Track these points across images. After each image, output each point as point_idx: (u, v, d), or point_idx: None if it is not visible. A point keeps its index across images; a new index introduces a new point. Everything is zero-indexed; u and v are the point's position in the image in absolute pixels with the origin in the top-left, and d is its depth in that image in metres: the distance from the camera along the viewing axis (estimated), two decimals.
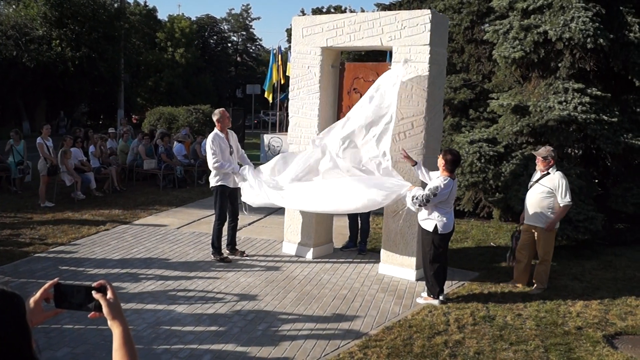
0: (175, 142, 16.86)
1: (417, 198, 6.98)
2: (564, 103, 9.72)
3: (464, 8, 15.54)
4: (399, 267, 8.16)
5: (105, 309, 1.98)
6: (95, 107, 41.00)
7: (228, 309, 6.73)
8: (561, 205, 7.56)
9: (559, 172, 7.67)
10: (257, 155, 23.75)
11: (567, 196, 7.53)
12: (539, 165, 7.80)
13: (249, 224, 11.27)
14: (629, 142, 9.71)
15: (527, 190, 8.00)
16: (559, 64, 10.24)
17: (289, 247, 9.26)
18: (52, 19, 31.04)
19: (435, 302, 7.09)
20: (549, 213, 7.64)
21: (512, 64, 10.63)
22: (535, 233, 7.80)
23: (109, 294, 2.01)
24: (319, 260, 8.93)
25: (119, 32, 34.54)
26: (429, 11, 7.85)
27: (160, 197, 13.78)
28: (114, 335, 1.99)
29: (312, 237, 9.00)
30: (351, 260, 9.03)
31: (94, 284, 2.02)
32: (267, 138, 22.84)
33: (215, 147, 8.52)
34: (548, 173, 7.66)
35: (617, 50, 9.95)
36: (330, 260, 8.97)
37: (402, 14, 8.05)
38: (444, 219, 6.97)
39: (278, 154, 21.51)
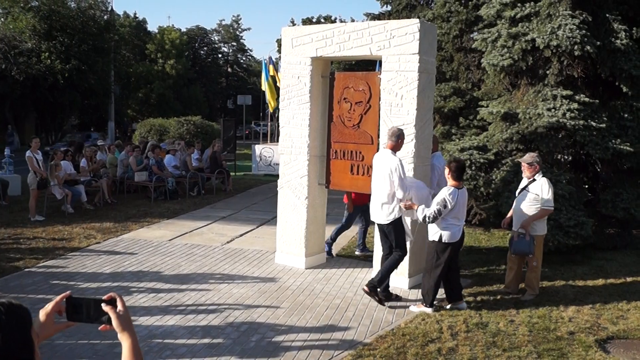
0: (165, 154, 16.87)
1: (428, 217, 6.99)
2: (553, 110, 9.77)
3: (452, 17, 15.63)
4: (392, 276, 8.14)
5: (114, 322, 2.00)
6: (86, 120, 40.97)
7: (221, 321, 6.72)
8: (542, 207, 7.62)
9: (544, 178, 7.78)
10: (248, 166, 23.76)
11: (550, 201, 7.62)
12: (525, 172, 7.88)
13: (241, 235, 11.26)
14: (618, 148, 9.76)
15: (516, 197, 8.06)
16: (547, 71, 10.30)
17: (282, 258, 9.25)
18: (41, 31, 31.06)
19: (429, 310, 7.10)
20: (539, 220, 7.69)
21: (500, 71, 10.70)
22: None
23: (119, 306, 2.03)
24: (311, 269, 8.92)
25: (108, 44, 34.61)
26: (417, 20, 7.90)
27: (151, 209, 13.75)
28: (123, 348, 2.00)
29: (305, 247, 8.99)
30: (344, 269, 9.03)
31: (104, 297, 2.04)
32: (258, 148, 22.85)
33: (404, 176, 7.24)
34: (534, 179, 7.73)
35: (604, 57, 10.02)
36: (323, 269, 8.97)
37: (391, 24, 8.10)
38: (450, 229, 7.01)
39: (270, 164, 21.74)
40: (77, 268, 8.72)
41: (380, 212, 7.41)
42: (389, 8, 19.64)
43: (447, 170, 7.14)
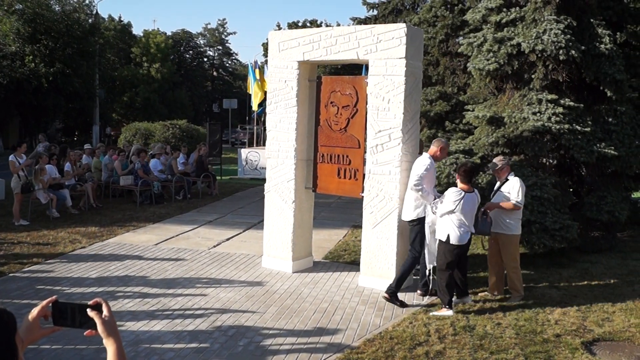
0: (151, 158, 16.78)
1: (433, 203, 7.48)
2: (538, 114, 9.85)
3: (438, 21, 15.73)
4: (378, 279, 8.17)
5: (99, 327, 2.01)
6: (70, 123, 40.65)
7: (208, 325, 6.69)
8: (511, 201, 7.75)
9: (516, 178, 7.94)
10: (234, 170, 23.71)
11: (520, 197, 7.74)
12: (498, 176, 8.10)
13: (228, 239, 11.22)
14: (602, 152, 9.86)
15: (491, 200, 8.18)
16: (533, 76, 10.37)
17: (269, 262, 9.24)
18: (25, 35, 30.80)
19: (450, 312, 7.16)
20: (510, 220, 7.81)
21: (486, 76, 10.75)
22: (499, 241, 7.95)
23: (105, 312, 2.04)
24: (299, 273, 8.91)
25: (93, 47, 34.40)
26: (404, 25, 7.93)
27: (137, 214, 13.68)
28: (108, 353, 2.01)
29: (292, 250, 8.98)
30: (331, 273, 9.02)
31: (90, 302, 2.04)
32: (244, 152, 22.81)
33: (426, 173, 7.61)
34: (507, 180, 7.87)
35: (588, 61, 10.12)
36: (310, 273, 8.96)
37: (378, 28, 8.12)
38: (457, 230, 7.14)
39: (256, 168, 21.70)
40: (62, 273, 8.65)
41: (406, 209, 7.86)
42: (375, 12, 19.73)
43: (457, 175, 7.40)
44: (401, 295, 7.82)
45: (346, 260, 9.87)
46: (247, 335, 6.41)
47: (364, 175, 8.40)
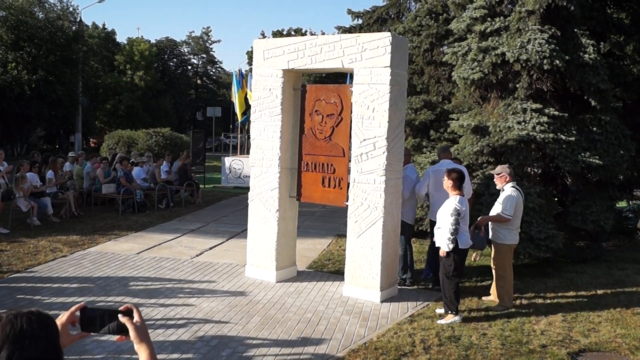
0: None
1: (451, 234, 7.13)
2: (523, 123, 9.86)
3: (423, 30, 15.76)
4: (363, 289, 8.11)
5: (132, 333, 2.03)
6: (53, 131, 40.26)
7: (191, 335, 6.58)
8: (498, 212, 7.76)
9: (511, 188, 7.86)
10: (218, 178, 23.59)
11: (505, 209, 7.71)
12: (497, 184, 8.07)
13: (211, 248, 11.11)
14: (587, 161, 9.88)
15: (489, 208, 8.17)
16: (517, 85, 10.40)
17: (252, 271, 9.14)
18: (8, 41, 30.52)
19: (457, 318, 7.18)
20: (499, 229, 7.86)
21: (471, 85, 10.77)
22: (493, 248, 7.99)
23: (136, 318, 2.07)
24: (282, 283, 8.82)
25: (76, 55, 34.14)
26: (389, 34, 7.91)
27: (119, 222, 13.52)
28: (140, 359, 2.03)
29: (276, 260, 8.89)
30: (315, 282, 8.94)
31: (121, 308, 2.08)
32: (228, 160, 22.69)
33: None
34: (503, 189, 7.87)
35: (572, 71, 10.16)
36: (294, 283, 8.87)
37: (363, 37, 8.09)
38: (464, 235, 7.22)
39: (239, 176, 21.60)
40: (43, 282, 8.50)
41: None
42: (360, 21, 19.73)
43: (449, 182, 7.33)
44: (386, 305, 7.78)
45: (330, 269, 9.80)
46: (230, 346, 6.31)
47: (348, 184, 8.35)
